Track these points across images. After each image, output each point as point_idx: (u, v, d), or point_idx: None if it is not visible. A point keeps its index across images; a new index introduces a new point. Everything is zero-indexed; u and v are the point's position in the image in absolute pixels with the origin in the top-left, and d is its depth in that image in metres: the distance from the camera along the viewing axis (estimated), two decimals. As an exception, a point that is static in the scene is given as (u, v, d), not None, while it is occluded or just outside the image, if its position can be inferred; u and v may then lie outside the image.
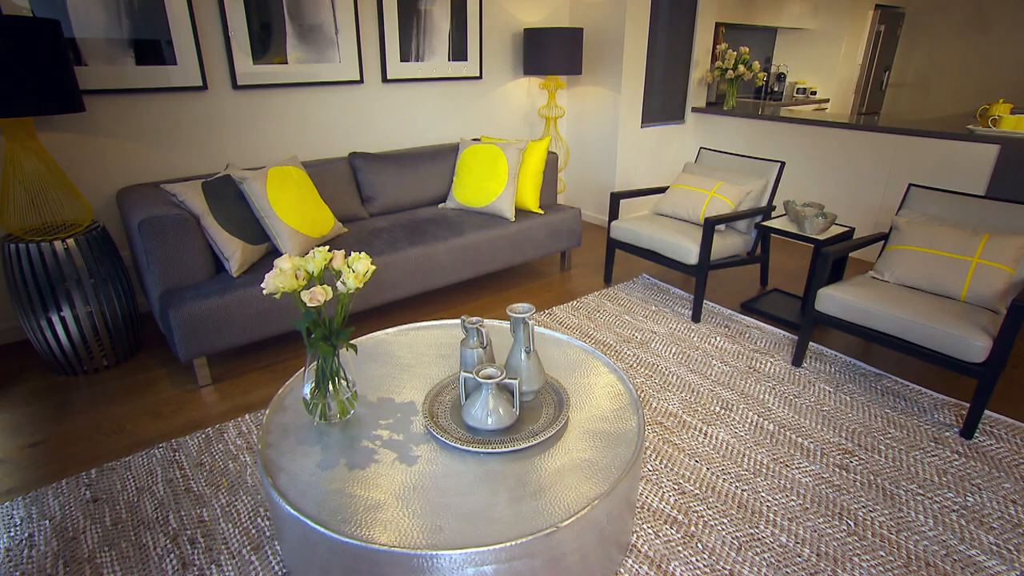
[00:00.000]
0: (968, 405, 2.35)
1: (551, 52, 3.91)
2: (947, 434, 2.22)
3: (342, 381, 1.60)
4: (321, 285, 1.45)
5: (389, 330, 2.19)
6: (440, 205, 3.52)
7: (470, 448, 1.50)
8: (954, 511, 1.84)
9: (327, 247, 1.56)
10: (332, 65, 3.32)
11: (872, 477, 1.98)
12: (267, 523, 1.75)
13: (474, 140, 3.53)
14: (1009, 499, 1.90)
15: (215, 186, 2.51)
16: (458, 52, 3.88)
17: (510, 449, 1.49)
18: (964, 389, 2.53)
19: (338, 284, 1.49)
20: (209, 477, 1.94)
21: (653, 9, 4.21)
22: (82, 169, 2.77)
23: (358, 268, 1.50)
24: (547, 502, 1.35)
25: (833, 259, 2.57)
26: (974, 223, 2.57)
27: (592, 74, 4.39)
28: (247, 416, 2.25)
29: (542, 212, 3.44)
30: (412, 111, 3.80)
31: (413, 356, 2.01)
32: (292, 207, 2.63)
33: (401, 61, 3.61)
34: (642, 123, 4.49)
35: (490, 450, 1.49)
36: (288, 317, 2.56)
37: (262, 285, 1.46)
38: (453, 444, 1.51)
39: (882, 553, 1.68)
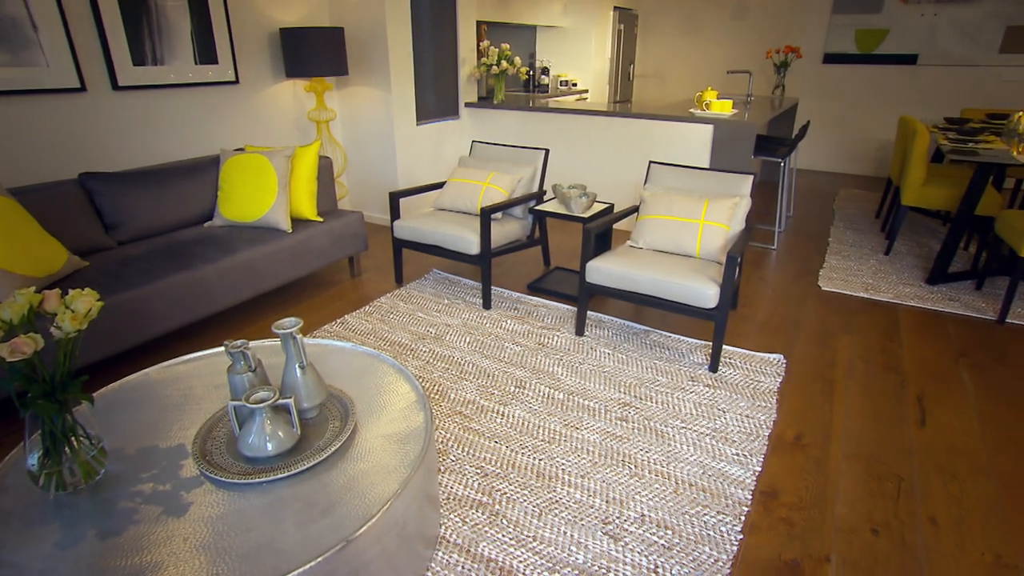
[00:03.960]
0: (711, 344, 2.79)
1: (313, 53, 3.76)
2: (700, 372, 2.61)
3: (82, 440, 1.37)
4: (28, 334, 1.22)
5: (149, 369, 1.93)
6: (206, 224, 3.19)
7: (249, 480, 1.39)
8: (707, 435, 2.18)
9: (34, 288, 1.31)
10: (37, 70, 2.79)
11: (647, 422, 2.25)
12: (6, 629, 1.44)
13: (237, 150, 3.25)
14: (744, 415, 2.30)
15: None
16: (206, 54, 3.53)
17: (293, 472, 1.40)
18: (710, 331, 2.99)
19: (52, 329, 1.27)
20: (-88, 595, 1.54)
21: (414, 8, 4.26)
22: None
23: (78, 307, 1.29)
24: (339, 517, 1.31)
25: (597, 233, 2.85)
26: (699, 191, 3.04)
27: (360, 75, 4.30)
28: (-32, 506, 1.82)
29: (321, 220, 3.30)
30: (158, 122, 3.37)
31: (181, 394, 1.80)
32: None
33: (135, 65, 3.18)
34: (418, 121, 4.54)
35: (271, 477, 1.39)
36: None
37: (-58, 345, 1.18)
38: (229, 480, 1.39)
39: (657, 486, 1.93)
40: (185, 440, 1.57)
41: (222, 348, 2.05)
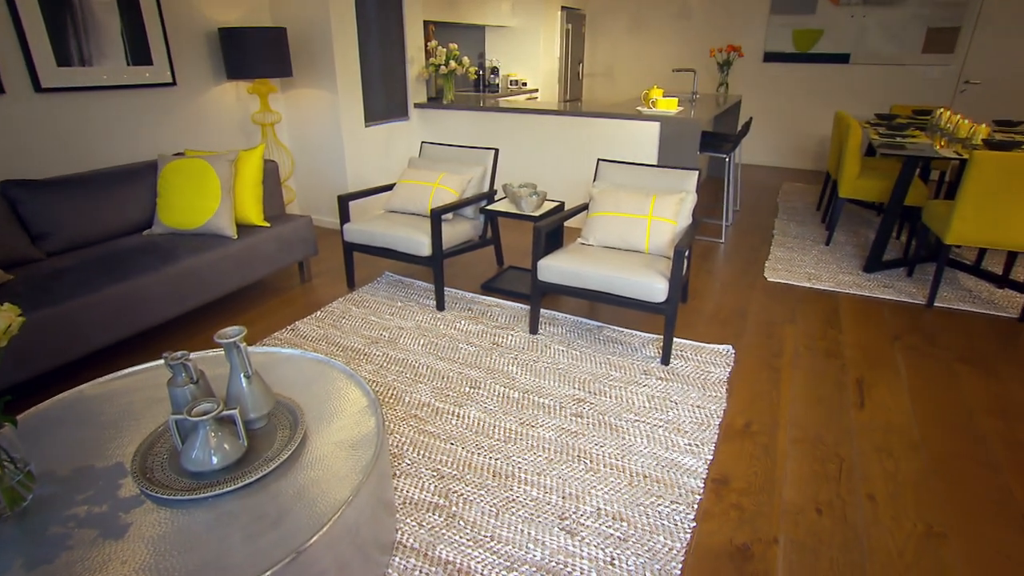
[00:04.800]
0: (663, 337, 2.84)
1: (255, 54, 3.65)
2: (652, 365, 2.66)
3: (5, 465, 1.29)
4: (-58, 352, 1.14)
5: (84, 386, 1.84)
6: (146, 232, 3.06)
7: (194, 496, 1.34)
8: (660, 427, 2.22)
9: (-51, 303, 1.23)
10: (-48, 74, 2.63)
11: (601, 417, 2.28)
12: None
13: (176, 155, 3.13)
14: (695, 406, 2.35)
15: None
16: (139, 55, 3.38)
17: (240, 484, 1.36)
18: (661, 325, 3.05)
19: (-31, 347, 1.19)
20: None
21: (359, 8, 4.19)
22: None
23: (-2, 322, 1.21)
24: (289, 527, 1.28)
25: (548, 231, 2.87)
26: (647, 187, 3.10)
27: (305, 76, 4.21)
28: None
29: (268, 225, 3.21)
30: (89, 126, 3.21)
31: (118, 410, 1.72)
32: (-85, 258, 2.04)
33: (59, 65, 3.02)
34: (366, 122, 4.47)
35: (217, 492, 1.34)
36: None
37: None
38: (172, 497, 1.33)
39: (612, 479, 1.95)
40: (123, 458, 1.51)
41: (161, 361, 1.97)
